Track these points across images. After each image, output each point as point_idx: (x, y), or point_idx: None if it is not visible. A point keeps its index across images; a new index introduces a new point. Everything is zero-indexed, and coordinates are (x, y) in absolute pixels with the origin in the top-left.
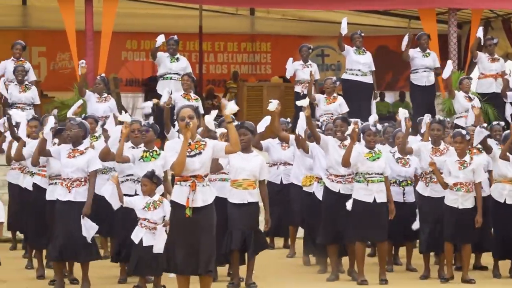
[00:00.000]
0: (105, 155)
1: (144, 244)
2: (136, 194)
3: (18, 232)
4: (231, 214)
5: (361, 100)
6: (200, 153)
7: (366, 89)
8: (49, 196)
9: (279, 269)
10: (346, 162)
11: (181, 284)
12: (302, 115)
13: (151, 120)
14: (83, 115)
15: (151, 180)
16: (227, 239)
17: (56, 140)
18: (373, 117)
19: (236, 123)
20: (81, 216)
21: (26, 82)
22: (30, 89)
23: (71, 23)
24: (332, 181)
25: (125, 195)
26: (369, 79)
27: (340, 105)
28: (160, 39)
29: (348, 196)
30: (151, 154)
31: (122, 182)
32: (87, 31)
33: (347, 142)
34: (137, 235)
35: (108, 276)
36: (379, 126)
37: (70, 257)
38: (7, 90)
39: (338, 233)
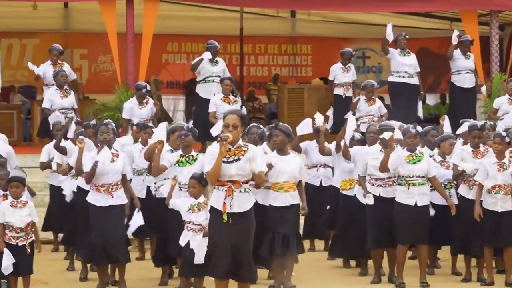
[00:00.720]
0: (151, 154)
1: (191, 247)
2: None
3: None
4: (273, 217)
5: (408, 101)
6: (238, 159)
7: (412, 91)
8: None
9: (319, 272)
10: (384, 168)
11: (220, 287)
12: (351, 121)
13: (190, 123)
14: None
15: (199, 182)
16: (269, 243)
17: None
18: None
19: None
20: (125, 217)
21: (66, 87)
22: (70, 94)
23: (113, 25)
24: (373, 185)
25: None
26: (415, 81)
27: (379, 107)
28: (207, 56)
29: (390, 200)
30: (187, 159)
31: (160, 186)
32: (128, 34)
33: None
34: (184, 238)
35: (149, 278)
36: (419, 128)
37: (108, 260)
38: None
39: (384, 237)
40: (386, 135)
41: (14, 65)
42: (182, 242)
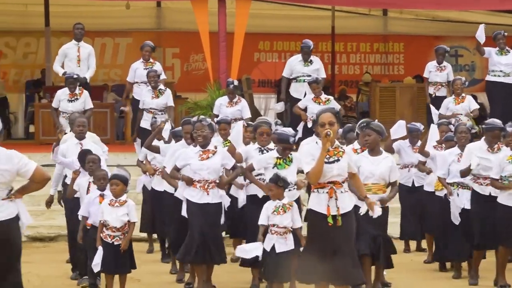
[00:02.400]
0: (232, 155)
1: (277, 251)
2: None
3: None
4: (360, 218)
5: (504, 100)
6: (338, 160)
7: (509, 90)
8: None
9: (413, 273)
10: (465, 173)
11: None
12: (433, 131)
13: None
14: (216, 119)
15: (276, 184)
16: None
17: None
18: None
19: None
20: (218, 216)
21: (160, 86)
22: (164, 94)
23: (205, 24)
24: (481, 184)
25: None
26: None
27: (469, 103)
28: (281, 107)
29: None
30: (284, 161)
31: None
32: (220, 32)
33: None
34: (268, 242)
35: (239, 281)
36: None
37: (204, 260)
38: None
39: (489, 238)
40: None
41: (107, 64)
42: (267, 245)
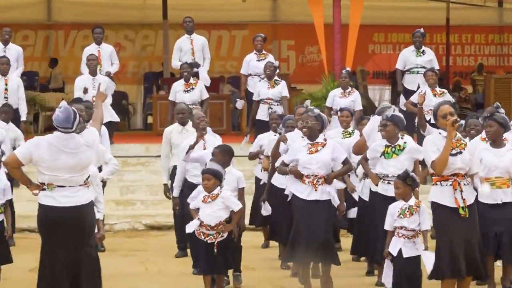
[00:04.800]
0: (360, 148)
1: (404, 256)
2: None
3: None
4: (483, 214)
5: None
6: (461, 152)
7: None
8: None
9: None
10: None
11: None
12: None
13: (390, 111)
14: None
15: (404, 182)
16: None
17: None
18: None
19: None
20: (327, 213)
21: (276, 78)
22: (279, 85)
23: (320, 16)
24: None
25: None
26: None
27: None
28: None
29: None
30: (392, 150)
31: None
32: (335, 24)
33: None
34: (395, 246)
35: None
36: None
37: (313, 260)
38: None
39: None
40: None
41: (224, 56)
42: (393, 249)
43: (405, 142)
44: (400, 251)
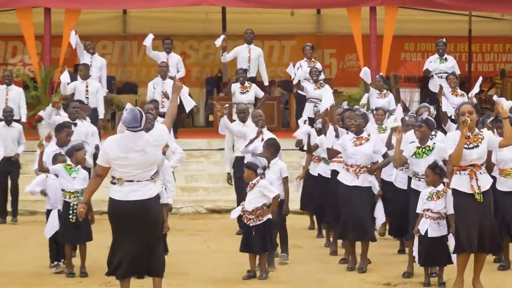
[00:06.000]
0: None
1: (429, 235)
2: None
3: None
4: (501, 199)
5: None
6: (477, 146)
7: None
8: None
9: None
10: None
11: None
12: None
13: (425, 115)
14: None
15: (433, 171)
16: (498, 226)
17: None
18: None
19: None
20: (367, 198)
21: (321, 81)
22: (324, 87)
23: (358, 28)
24: None
25: None
26: None
27: None
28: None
29: None
30: (423, 150)
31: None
32: (371, 35)
33: None
34: (422, 226)
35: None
36: None
37: (356, 238)
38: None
39: None
40: None
41: (275, 63)
42: (422, 229)
43: (434, 143)
44: (426, 231)
